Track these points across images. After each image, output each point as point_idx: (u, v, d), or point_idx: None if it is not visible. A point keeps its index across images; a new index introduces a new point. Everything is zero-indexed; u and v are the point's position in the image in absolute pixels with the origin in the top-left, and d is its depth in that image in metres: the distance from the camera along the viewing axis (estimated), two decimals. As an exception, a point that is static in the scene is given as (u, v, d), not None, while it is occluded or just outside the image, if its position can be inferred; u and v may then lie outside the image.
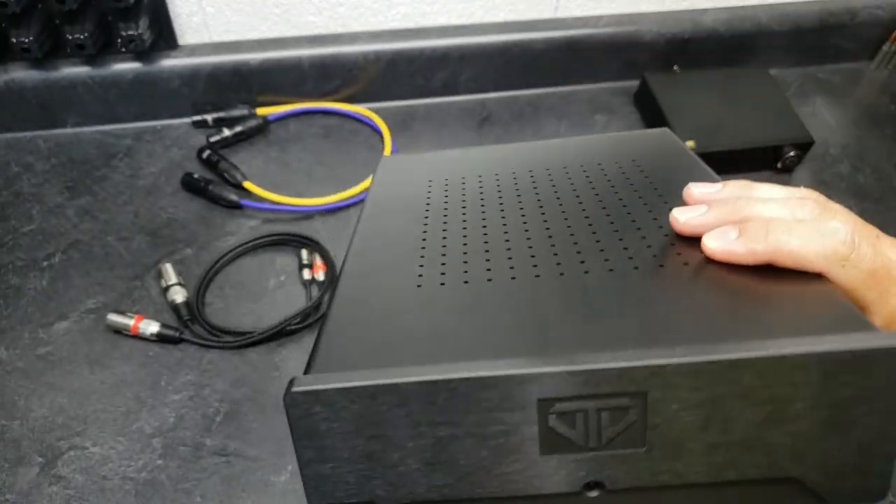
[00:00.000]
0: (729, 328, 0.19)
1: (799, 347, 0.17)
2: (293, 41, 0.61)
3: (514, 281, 0.22)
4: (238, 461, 0.42)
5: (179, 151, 0.60)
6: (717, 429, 0.18)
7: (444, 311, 0.21)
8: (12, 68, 0.58)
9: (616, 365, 0.17)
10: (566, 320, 0.20)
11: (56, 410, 0.44)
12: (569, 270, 0.23)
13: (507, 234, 0.26)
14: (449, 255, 0.25)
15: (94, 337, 0.47)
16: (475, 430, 0.18)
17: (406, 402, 0.18)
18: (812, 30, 0.68)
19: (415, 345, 0.19)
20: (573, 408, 0.18)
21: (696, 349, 0.17)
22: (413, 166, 0.35)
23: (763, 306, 0.20)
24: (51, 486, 0.41)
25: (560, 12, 0.64)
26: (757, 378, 0.17)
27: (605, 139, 0.36)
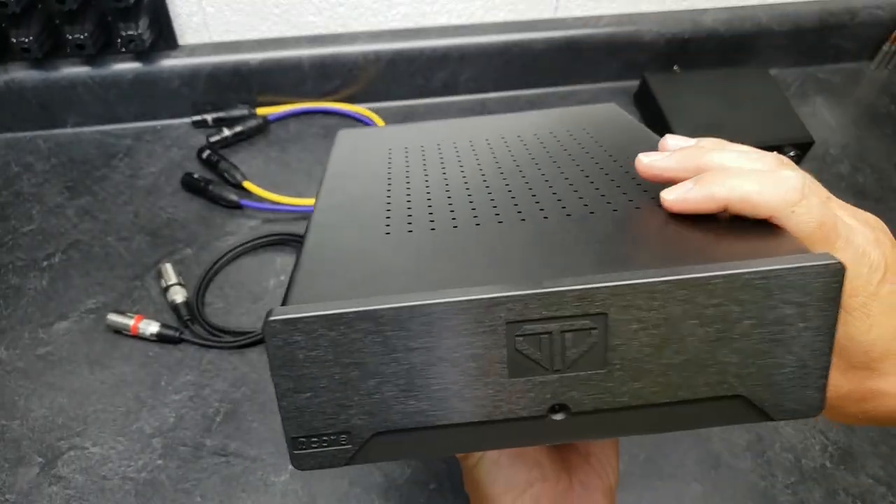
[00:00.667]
0: (683, 255, 0.20)
1: (745, 268, 0.18)
2: (293, 41, 0.61)
3: (479, 227, 0.23)
4: (238, 461, 0.42)
5: (179, 151, 0.60)
6: (672, 349, 0.19)
7: (414, 251, 0.22)
8: (12, 68, 0.58)
9: (579, 287, 0.18)
10: (530, 255, 0.21)
11: (56, 410, 0.44)
12: (530, 217, 0.24)
13: (469, 189, 0.27)
14: (414, 209, 0.25)
15: (94, 337, 0.47)
16: (448, 354, 0.19)
17: (382, 329, 0.19)
18: (812, 30, 0.68)
19: (388, 278, 0.20)
20: (539, 329, 0.19)
21: (652, 272, 0.18)
22: (371, 138, 0.36)
23: (713, 238, 0.21)
24: (51, 486, 0.41)
25: (560, 12, 0.64)
26: (708, 297, 0.19)
27: (556, 113, 0.37)
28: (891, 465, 0.43)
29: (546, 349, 0.19)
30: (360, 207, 0.26)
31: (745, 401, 0.20)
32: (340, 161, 0.33)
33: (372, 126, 0.63)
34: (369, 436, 0.20)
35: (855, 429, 0.44)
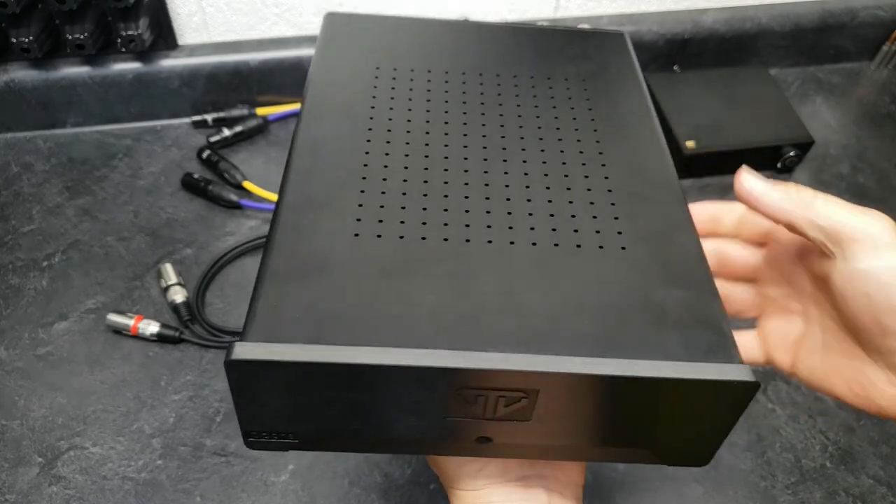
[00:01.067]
0: (620, 335, 0.22)
1: (655, 372, 0.20)
2: (293, 41, 0.61)
3: (446, 243, 0.24)
4: (238, 461, 0.42)
5: (179, 151, 0.60)
6: (588, 415, 0.22)
7: (378, 273, 0.22)
8: (12, 68, 0.58)
9: (517, 368, 0.20)
10: (488, 303, 0.22)
11: (56, 410, 0.44)
12: (497, 237, 0.24)
13: (446, 168, 0.26)
14: (388, 194, 0.25)
15: (93, 337, 0.47)
16: (392, 399, 0.21)
17: (335, 376, 0.20)
18: (812, 30, 0.68)
19: (346, 320, 0.21)
20: (479, 393, 0.21)
21: (579, 362, 0.20)
22: (362, 35, 0.33)
23: (654, 321, 0.22)
24: (51, 486, 0.41)
25: (560, 12, 0.64)
26: (623, 388, 0.21)
27: (561, 37, 0.35)
28: (891, 466, 0.43)
29: (481, 405, 0.21)
30: (335, 179, 0.26)
31: (647, 452, 0.23)
32: (322, 78, 0.30)
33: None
34: (313, 438, 0.23)
35: (855, 429, 0.44)
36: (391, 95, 0.29)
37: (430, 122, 0.28)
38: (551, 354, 0.20)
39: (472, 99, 0.30)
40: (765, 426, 0.44)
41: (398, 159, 0.26)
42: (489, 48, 0.34)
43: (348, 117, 0.28)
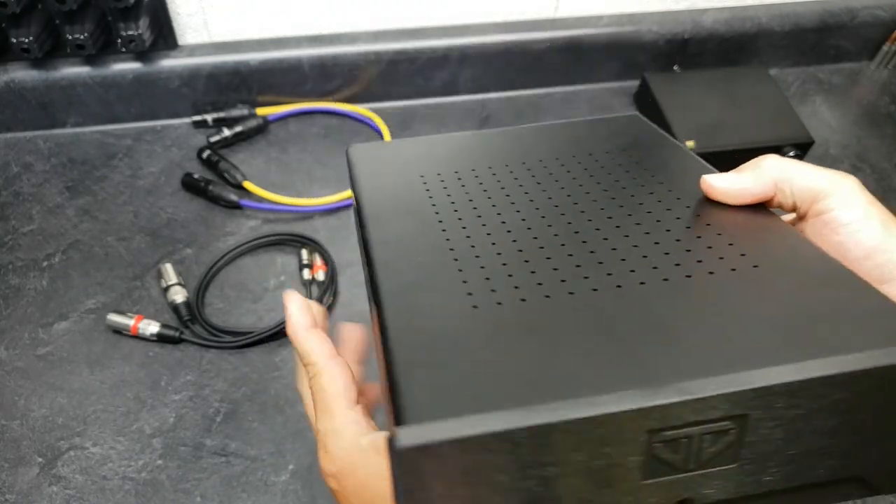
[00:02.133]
0: (804, 340, 0.19)
1: (881, 360, 0.18)
2: (293, 41, 0.61)
3: (573, 297, 0.22)
4: (238, 461, 0.42)
5: (179, 151, 0.60)
6: (802, 440, 0.19)
7: (515, 337, 0.20)
8: (12, 68, 0.58)
9: (725, 390, 0.18)
10: (646, 342, 0.20)
11: (56, 410, 0.44)
12: (623, 281, 0.22)
13: (535, 236, 0.25)
14: (488, 267, 0.23)
15: (94, 337, 0.47)
16: (582, 465, 0.18)
17: (518, 447, 0.17)
18: (812, 30, 0.68)
19: (506, 381, 0.18)
20: (679, 434, 0.18)
21: (792, 368, 0.18)
22: (392, 157, 0.33)
23: (815, 310, 0.20)
24: (51, 486, 0.41)
25: (560, 12, 0.64)
26: (843, 391, 0.18)
27: (581, 126, 0.35)
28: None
29: (684, 451, 0.19)
30: (425, 263, 0.24)
31: (862, 482, 0.20)
32: (371, 191, 0.29)
33: (376, 130, 0.63)
34: None
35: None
36: (447, 193, 0.29)
37: (497, 204, 0.27)
38: (749, 369, 0.18)
39: (527, 180, 0.29)
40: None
41: (482, 237, 0.25)
42: (519, 144, 0.33)
43: (414, 215, 0.27)
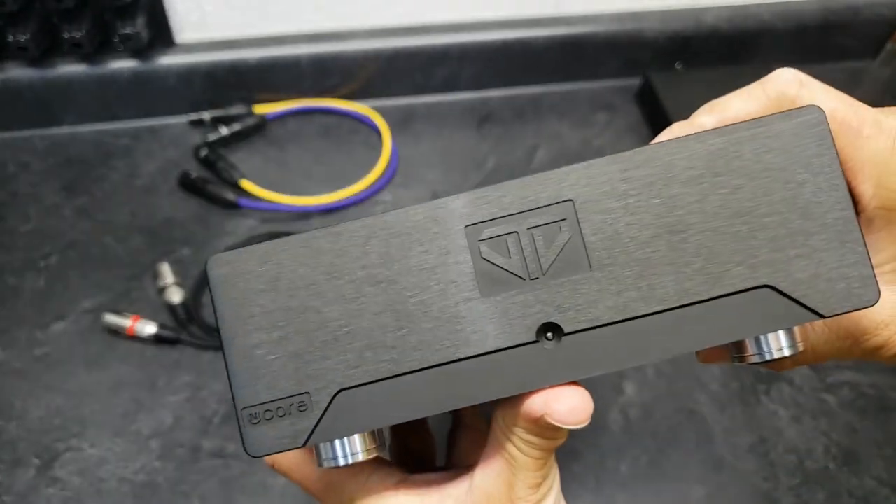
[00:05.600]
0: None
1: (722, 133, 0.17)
2: (291, 39, 0.61)
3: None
4: (236, 463, 0.41)
5: (177, 150, 0.60)
6: (666, 235, 0.17)
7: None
8: (9, 67, 0.57)
9: (533, 177, 0.17)
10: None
11: (53, 412, 0.43)
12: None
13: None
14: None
15: (91, 338, 0.47)
16: (409, 271, 0.18)
17: (318, 252, 0.18)
18: (815, 28, 0.67)
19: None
20: (501, 231, 0.17)
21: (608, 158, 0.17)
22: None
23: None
24: (48, 487, 0.40)
25: (561, 9, 0.64)
26: (685, 166, 0.17)
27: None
28: (895, 467, 0.42)
29: (516, 253, 0.17)
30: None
31: (774, 292, 0.17)
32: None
33: (375, 128, 0.62)
34: (331, 395, 0.18)
35: (858, 430, 0.44)
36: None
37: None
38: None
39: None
40: (768, 427, 0.44)
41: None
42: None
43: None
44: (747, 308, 0.17)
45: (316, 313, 0.18)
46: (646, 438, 0.43)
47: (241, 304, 0.18)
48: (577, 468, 0.42)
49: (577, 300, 0.17)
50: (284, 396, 0.18)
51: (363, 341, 0.18)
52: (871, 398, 0.45)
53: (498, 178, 0.59)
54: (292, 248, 0.18)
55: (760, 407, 0.45)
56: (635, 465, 0.42)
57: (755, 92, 0.21)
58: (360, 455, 0.19)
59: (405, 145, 0.61)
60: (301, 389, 0.18)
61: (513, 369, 0.18)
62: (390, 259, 0.18)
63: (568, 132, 0.63)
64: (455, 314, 0.18)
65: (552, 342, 0.18)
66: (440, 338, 0.18)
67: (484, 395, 0.18)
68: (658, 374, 0.46)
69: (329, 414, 0.18)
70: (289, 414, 0.18)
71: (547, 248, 0.17)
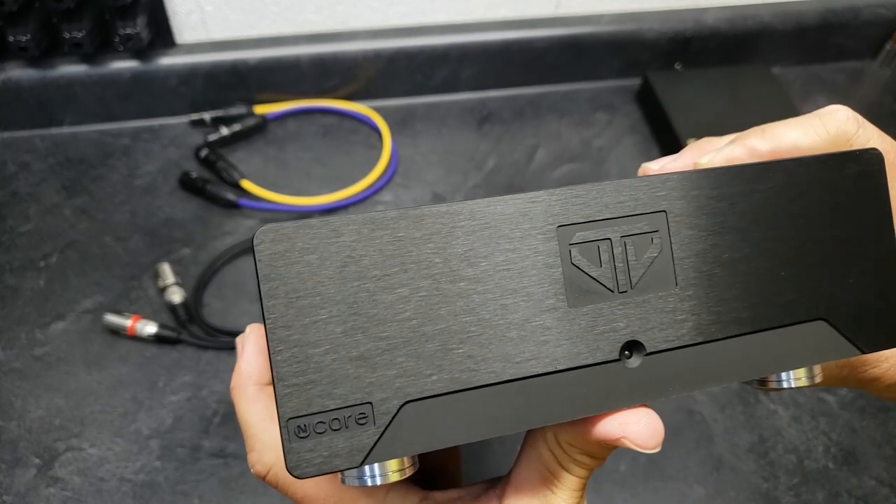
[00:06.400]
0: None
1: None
2: (292, 39, 0.61)
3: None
4: (236, 463, 0.41)
5: (177, 150, 0.60)
6: (741, 256, 0.17)
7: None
8: (9, 67, 0.57)
9: (629, 181, 0.16)
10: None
11: (53, 411, 0.43)
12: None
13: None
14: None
15: (91, 338, 0.47)
16: (487, 268, 0.16)
17: (390, 234, 0.16)
18: (815, 28, 0.67)
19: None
20: (594, 237, 0.16)
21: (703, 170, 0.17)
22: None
23: None
24: (48, 487, 0.40)
25: (561, 10, 0.64)
26: (776, 180, 0.17)
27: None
28: (894, 467, 0.42)
29: (606, 260, 0.16)
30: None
31: (828, 325, 0.18)
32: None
33: (375, 128, 0.62)
34: (397, 407, 0.16)
35: (858, 430, 0.44)
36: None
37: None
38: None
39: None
40: (767, 427, 0.44)
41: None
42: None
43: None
44: (803, 339, 0.18)
45: (386, 309, 0.16)
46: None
47: (296, 290, 0.15)
48: (576, 468, 0.42)
49: (661, 319, 0.17)
50: (343, 406, 0.15)
51: (436, 346, 0.16)
52: (870, 398, 0.45)
53: (498, 178, 0.59)
54: (367, 227, 0.16)
55: (760, 407, 0.45)
56: (634, 465, 0.42)
57: (814, 125, 0.21)
58: (391, 476, 0.17)
59: (405, 145, 0.61)
60: (363, 399, 0.15)
61: (593, 388, 0.16)
62: (475, 254, 0.16)
63: (568, 132, 0.63)
64: (541, 324, 0.16)
65: (634, 361, 0.17)
66: (522, 350, 0.16)
67: (562, 415, 0.16)
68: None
69: (393, 428, 0.16)
70: (345, 427, 0.15)
71: (637, 260, 0.16)
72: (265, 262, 0.15)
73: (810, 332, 0.18)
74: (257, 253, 0.15)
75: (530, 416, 0.16)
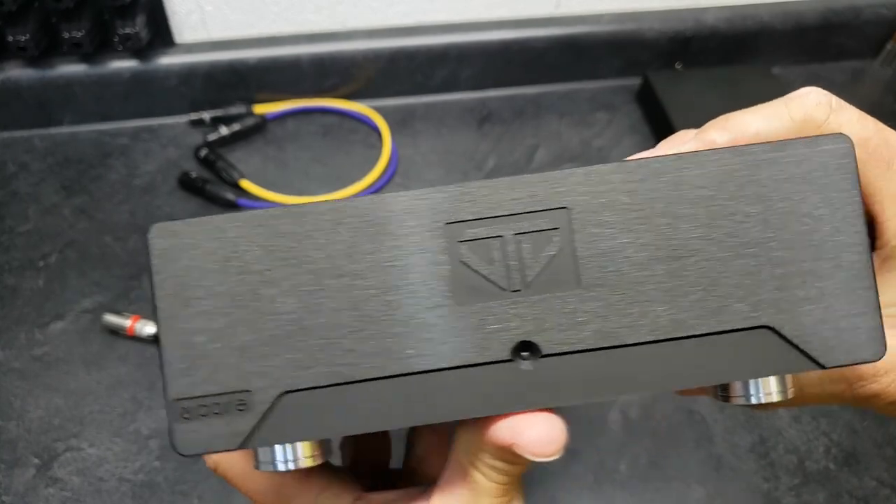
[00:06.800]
0: None
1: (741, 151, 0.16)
2: (291, 39, 0.61)
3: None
4: (235, 463, 0.41)
5: (176, 150, 0.60)
6: (664, 260, 0.16)
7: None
8: (8, 67, 0.57)
9: (528, 177, 0.16)
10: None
11: (52, 411, 0.43)
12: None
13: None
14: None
15: (90, 337, 0.47)
16: (368, 261, 0.16)
17: (270, 231, 0.16)
18: (815, 28, 0.67)
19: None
20: (486, 233, 0.16)
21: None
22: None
23: None
24: (47, 487, 0.40)
25: (561, 9, 0.64)
26: (692, 182, 0.16)
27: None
28: (895, 468, 0.42)
29: (499, 260, 0.16)
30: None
31: (774, 334, 0.16)
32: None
33: (374, 128, 0.62)
34: (274, 397, 0.16)
35: (859, 430, 0.44)
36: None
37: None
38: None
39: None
40: (768, 428, 0.44)
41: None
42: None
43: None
44: (743, 349, 0.16)
45: (268, 303, 0.16)
46: (646, 438, 0.43)
47: (184, 282, 0.17)
48: (576, 468, 0.42)
49: (559, 320, 0.16)
50: (223, 392, 0.16)
51: (317, 340, 0.16)
52: (871, 398, 0.45)
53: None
54: (249, 225, 0.16)
55: (760, 407, 0.45)
56: (635, 465, 0.42)
57: (778, 111, 0.19)
58: (301, 461, 0.17)
59: (405, 145, 0.61)
60: (242, 386, 0.16)
61: (482, 389, 0.16)
62: (358, 250, 0.16)
63: (568, 132, 0.63)
64: (424, 321, 0.16)
65: (528, 363, 0.16)
66: (404, 345, 0.16)
67: (446, 414, 0.16)
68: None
69: (271, 417, 0.16)
70: (226, 412, 0.16)
71: (534, 259, 0.16)
72: (156, 256, 0.17)
73: (752, 342, 0.16)
74: (150, 247, 0.17)
75: (413, 413, 0.16)
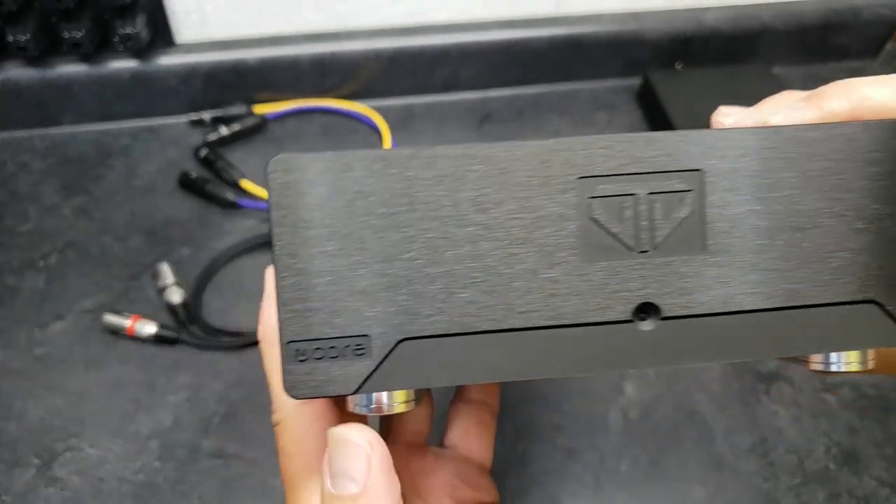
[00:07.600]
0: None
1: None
2: (292, 39, 0.61)
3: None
4: (236, 463, 0.41)
5: (176, 150, 0.60)
6: (784, 224, 0.15)
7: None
8: (8, 67, 0.57)
9: (664, 134, 0.15)
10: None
11: (52, 412, 0.43)
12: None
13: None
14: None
15: (90, 338, 0.47)
16: (498, 218, 0.16)
17: (401, 171, 0.16)
18: (816, 28, 0.67)
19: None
20: (619, 190, 0.15)
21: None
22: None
23: None
24: (47, 487, 0.40)
25: (562, 9, 0.64)
26: (816, 152, 0.15)
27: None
28: (895, 467, 0.42)
29: (630, 219, 0.16)
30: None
31: (879, 309, 0.16)
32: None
33: (375, 128, 0.62)
34: (394, 343, 0.16)
35: (859, 430, 0.44)
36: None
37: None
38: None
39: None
40: (768, 427, 0.44)
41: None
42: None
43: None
44: (847, 321, 0.16)
45: (391, 247, 0.16)
46: (646, 438, 0.43)
47: (304, 220, 0.16)
48: (576, 468, 0.42)
49: (683, 284, 0.16)
50: (341, 336, 0.16)
51: (438, 288, 0.16)
52: (871, 398, 0.45)
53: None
54: (376, 164, 0.16)
55: (760, 407, 0.45)
56: (635, 465, 0.42)
57: (891, 82, 0.18)
58: (397, 406, 0.17)
59: (405, 144, 0.61)
60: (361, 331, 0.16)
61: (599, 347, 0.16)
62: (487, 199, 0.16)
63: (568, 132, 0.63)
64: (547, 276, 0.16)
65: (649, 325, 0.16)
66: (526, 300, 0.16)
67: (562, 370, 0.16)
68: (658, 374, 0.46)
69: (387, 363, 0.16)
70: (343, 356, 0.16)
71: (664, 220, 0.16)
72: (276, 191, 0.16)
73: (856, 315, 0.16)
74: (270, 181, 0.16)
75: (529, 368, 0.16)
